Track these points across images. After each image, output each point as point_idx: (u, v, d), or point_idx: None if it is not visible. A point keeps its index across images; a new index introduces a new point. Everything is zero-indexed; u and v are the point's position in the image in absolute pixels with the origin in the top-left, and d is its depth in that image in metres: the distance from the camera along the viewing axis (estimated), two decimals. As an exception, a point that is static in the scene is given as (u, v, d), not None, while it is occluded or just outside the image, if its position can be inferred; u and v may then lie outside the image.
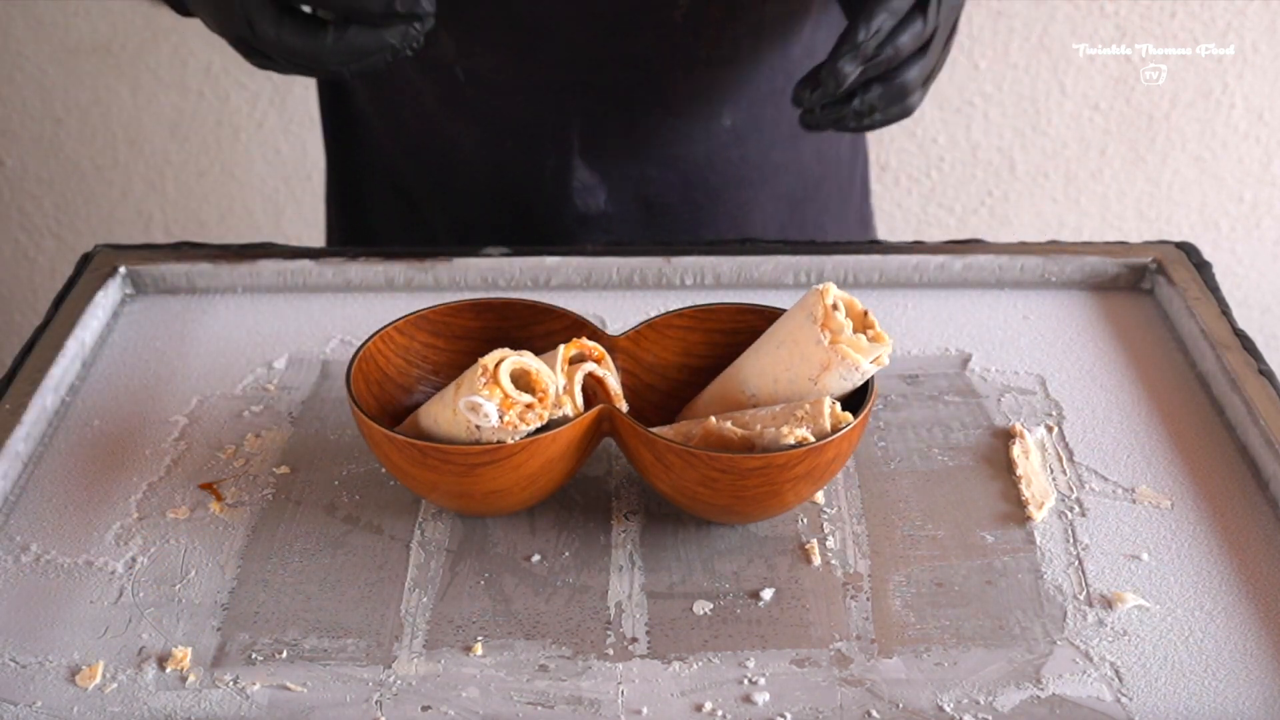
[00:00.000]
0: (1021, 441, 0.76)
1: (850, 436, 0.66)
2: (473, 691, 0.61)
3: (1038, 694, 0.61)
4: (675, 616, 0.65)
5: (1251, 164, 1.77)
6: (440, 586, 0.67)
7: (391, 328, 0.73)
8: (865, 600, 0.66)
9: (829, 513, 0.72)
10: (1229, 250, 1.83)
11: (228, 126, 1.75)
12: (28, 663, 0.63)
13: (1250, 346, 0.81)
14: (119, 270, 0.90)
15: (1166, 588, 0.66)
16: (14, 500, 0.72)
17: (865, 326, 0.68)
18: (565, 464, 0.67)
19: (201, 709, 0.60)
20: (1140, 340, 0.85)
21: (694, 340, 0.75)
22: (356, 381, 0.70)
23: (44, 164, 1.79)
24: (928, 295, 0.90)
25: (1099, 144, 1.75)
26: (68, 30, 1.68)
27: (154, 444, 0.77)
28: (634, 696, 0.61)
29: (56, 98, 1.73)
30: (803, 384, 0.68)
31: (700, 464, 0.64)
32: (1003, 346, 0.85)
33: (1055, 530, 0.70)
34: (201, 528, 0.71)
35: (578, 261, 0.90)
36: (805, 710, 0.60)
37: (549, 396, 0.65)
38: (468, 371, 0.66)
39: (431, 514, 0.72)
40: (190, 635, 0.64)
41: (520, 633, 0.64)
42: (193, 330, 0.87)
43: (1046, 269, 0.90)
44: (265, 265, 0.90)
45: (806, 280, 0.90)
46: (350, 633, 0.64)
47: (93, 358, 0.84)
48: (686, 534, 0.70)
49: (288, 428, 0.78)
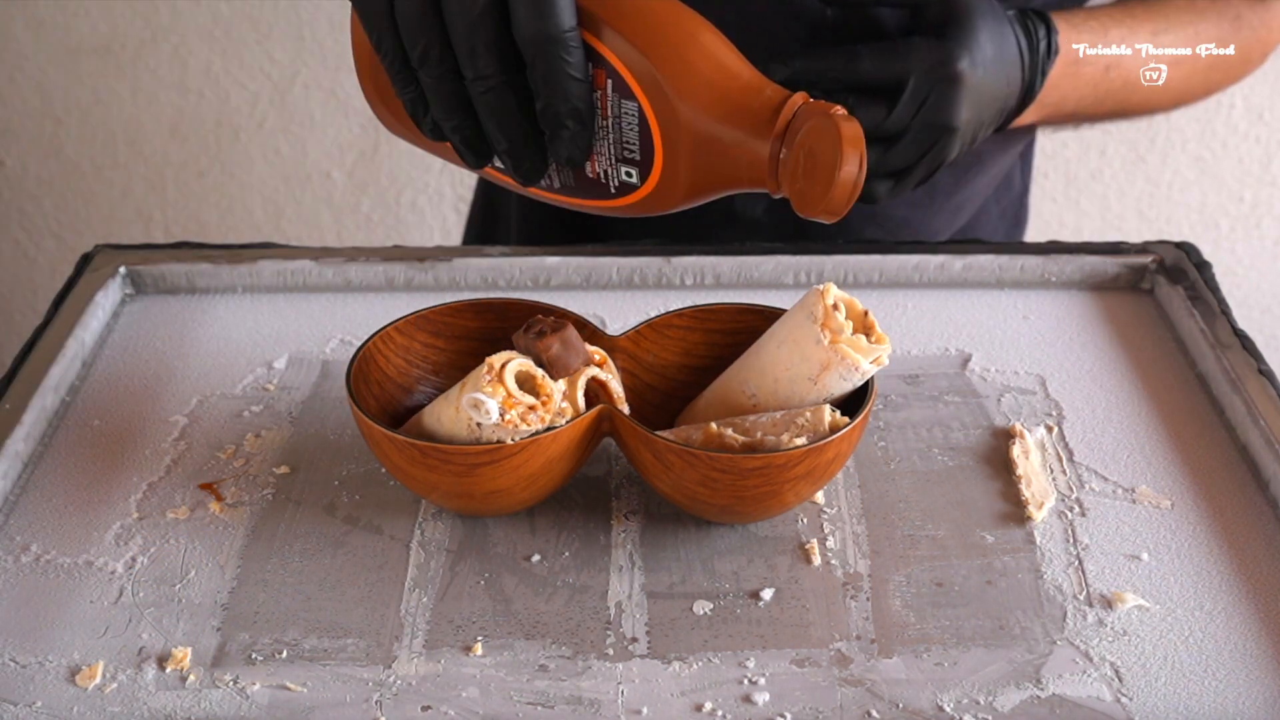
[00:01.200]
0: (1021, 441, 0.76)
1: (850, 437, 0.66)
2: (473, 691, 0.61)
3: (1038, 694, 0.61)
4: (675, 616, 0.65)
5: (1251, 164, 1.77)
6: (440, 586, 0.67)
7: (391, 328, 0.73)
8: (865, 600, 0.66)
9: (829, 513, 0.72)
10: (1229, 250, 1.83)
11: (228, 126, 1.75)
12: (28, 663, 0.63)
13: (1250, 346, 0.81)
14: (119, 270, 0.90)
15: (1166, 588, 0.66)
16: (14, 500, 0.72)
17: (865, 326, 0.68)
18: (565, 464, 0.67)
19: (201, 709, 0.60)
20: (1140, 340, 0.85)
21: (694, 340, 0.75)
22: (356, 381, 0.70)
23: (44, 164, 1.79)
24: (928, 295, 0.90)
25: (1099, 144, 1.75)
26: (68, 30, 1.68)
27: (154, 444, 0.77)
28: (634, 696, 0.61)
29: (56, 98, 1.73)
30: (803, 384, 0.68)
31: (700, 464, 0.64)
32: (1003, 346, 0.85)
33: (1055, 530, 0.70)
34: (201, 528, 0.71)
35: (578, 261, 0.90)
36: (805, 710, 0.60)
37: (552, 401, 0.65)
38: (474, 371, 0.66)
39: (431, 514, 0.72)
40: (190, 635, 0.64)
41: (520, 633, 0.64)
42: (193, 330, 0.87)
43: (1046, 269, 0.90)
44: (265, 265, 0.90)
45: (806, 280, 0.90)
46: (350, 633, 0.64)
47: (93, 358, 0.84)
48: (686, 534, 0.70)
49: (288, 428, 0.78)
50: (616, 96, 0.64)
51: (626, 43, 0.63)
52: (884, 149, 0.81)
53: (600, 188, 0.68)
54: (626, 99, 0.64)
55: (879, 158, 0.82)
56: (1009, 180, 1.05)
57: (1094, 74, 0.89)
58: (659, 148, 0.65)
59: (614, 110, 0.65)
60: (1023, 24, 0.84)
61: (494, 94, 0.64)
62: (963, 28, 0.80)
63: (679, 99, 0.63)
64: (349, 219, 1.83)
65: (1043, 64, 0.85)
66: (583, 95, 0.64)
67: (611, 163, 0.67)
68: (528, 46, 0.62)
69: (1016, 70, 0.83)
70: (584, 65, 0.63)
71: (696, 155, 0.64)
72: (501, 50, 0.63)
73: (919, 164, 0.82)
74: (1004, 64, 0.82)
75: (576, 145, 0.65)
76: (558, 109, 0.63)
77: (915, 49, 0.80)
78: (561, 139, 0.65)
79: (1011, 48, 0.83)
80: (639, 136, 0.65)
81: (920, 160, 0.82)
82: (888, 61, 0.80)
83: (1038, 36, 0.84)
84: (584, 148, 0.65)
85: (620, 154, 0.66)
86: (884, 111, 0.80)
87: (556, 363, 0.65)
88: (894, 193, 0.84)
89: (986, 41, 0.81)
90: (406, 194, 1.80)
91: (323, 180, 1.79)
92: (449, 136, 0.67)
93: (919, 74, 0.79)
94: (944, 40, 0.80)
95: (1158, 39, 0.90)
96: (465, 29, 0.62)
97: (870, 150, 0.82)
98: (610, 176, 0.67)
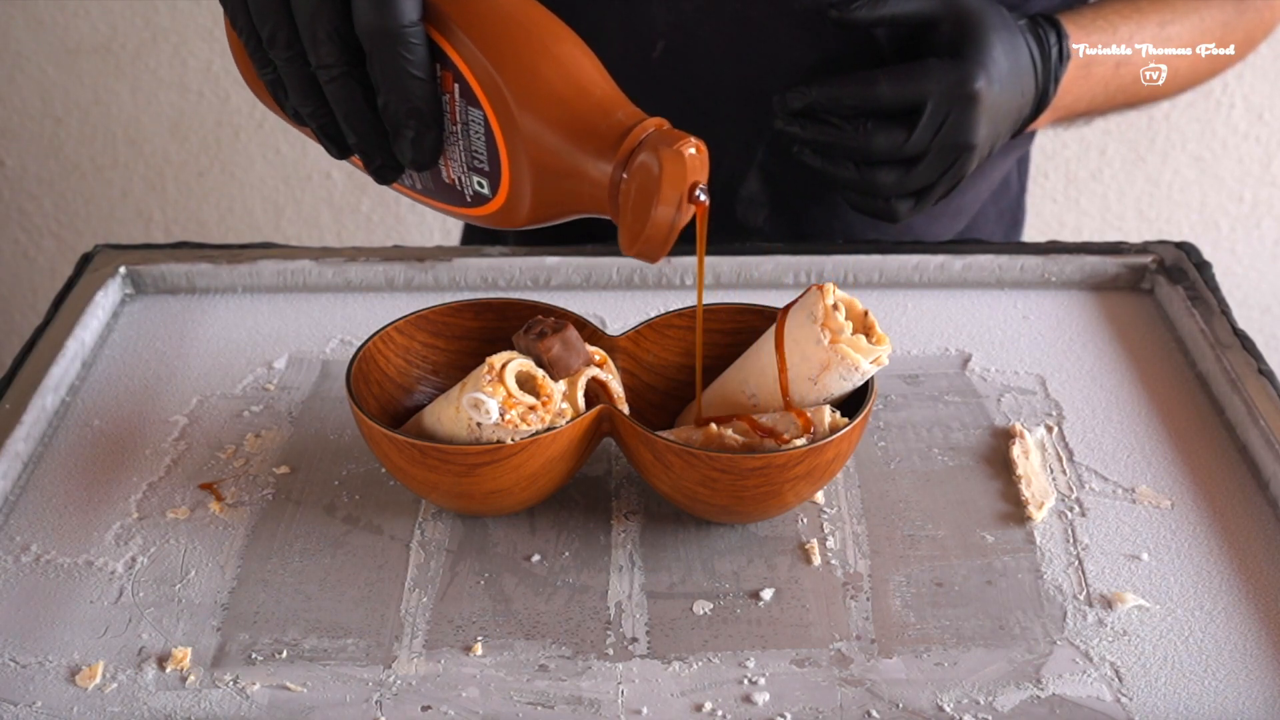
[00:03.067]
0: (1021, 441, 0.76)
1: (850, 437, 0.66)
2: (473, 691, 0.61)
3: (1038, 694, 0.61)
4: (675, 616, 0.65)
5: (1251, 164, 1.77)
6: (440, 586, 0.67)
7: (391, 328, 0.73)
8: (865, 600, 0.66)
9: (829, 513, 0.72)
10: (1229, 250, 1.83)
11: (228, 126, 1.75)
12: (28, 663, 0.63)
13: (1250, 346, 0.81)
14: (119, 270, 0.90)
15: (1166, 588, 0.66)
16: (14, 500, 0.72)
17: (865, 327, 0.68)
18: (565, 464, 0.67)
19: (201, 709, 0.60)
20: (1140, 340, 0.85)
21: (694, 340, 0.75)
22: (356, 381, 0.70)
23: (44, 164, 1.79)
24: (928, 295, 0.90)
25: (1099, 144, 1.75)
26: (68, 30, 1.68)
27: (154, 444, 0.77)
28: (634, 696, 0.61)
29: (56, 98, 1.73)
30: (802, 384, 0.68)
31: (700, 464, 0.64)
32: (1003, 346, 0.85)
33: (1055, 530, 0.70)
34: (201, 528, 0.71)
35: (578, 261, 0.90)
36: (805, 710, 0.60)
37: (552, 401, 0.65)
38: (474, 371, 0.66)
39: (431, 514, 0.72)
40: (190, 635, 0.64)
41: (520, 633, 0.64)
42: (193, 330, 0.87)
43: (1046, 269, 0.90)
44: (265, 265, 0.90)
45: (806, 280, 0.90)
46: (350, 633, 0.64)
47: (93, 358, 0.84)
48: (686, 534, 0.70)
49: (288, 428, 0.78)
50: (464, 103, 0.61)
51: (473, 47, 0.60)
52: (905, 170, 0.82)
53: (457, 194, 0.65)
54: (473, 106, 0.61)
55: (900, 179, 0.82)
56: (1006, 182, 1.05)
57: (1105, 73, 0.89)
58: (504, 160, 0.61)
59: (462, 116, 0.62)
60: (1034, 32, 0.84)
61: (338, 84, 0.62)
62: (977, 45, 0.80)
63: (521, 111, 0.60)
64: (349, 219, 1.83)
65: (1055, 71, 0.85)
66: (424, 95, 0.61)
67: (464, 170, 0.63)
68: (365, 39, 0.60)
69: (1031, 80, 0.83)
70: (426, 64, 0.61)
71: (539, 172, 0.61)
72: (345, 40, 0.61)
73: (939, 182, 0.83)
74: (1018, 76, 0.82)
75: (419, 148, 0.62)
76: (397, 108, 0.61)
77: (931, 71, 0.80)
78: (404, 139, 0.62)
79: (1025, 59, 0.83)
80: (486, 146, 0.61)
81: (940, 179, 0.83)
82: (905, 85, 0.80)
83: (1049, 43, 0.84)
84: (428, 151, 0.63)
85: (471, 162, 0.63)
86: (904, 135, 0.80)
87: (557, 363, 0.65)
88: (915, 211, 0.85)
89: (1001, 57, 0.81)
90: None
91: (323, 180, 1.79)
92: (308, 123, 0.65)
93: (937, 96, 0.79)
94: (959, 60, 0.80)
95: (1165, 30, 0.90)
96: (308, 15, 0.61)
97: (891, 172, 0.82)
98: (464, 184, 0.64)
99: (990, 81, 0.80)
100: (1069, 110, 0.90)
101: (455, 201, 0.66)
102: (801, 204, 0.95)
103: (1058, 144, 1.74)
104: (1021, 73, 0.83)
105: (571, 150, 0.60)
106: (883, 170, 0.82)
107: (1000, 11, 0.83)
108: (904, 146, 0.80)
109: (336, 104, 0.63)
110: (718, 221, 0.95)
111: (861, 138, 0.81)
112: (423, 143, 0.62)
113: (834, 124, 0.82)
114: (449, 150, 0.63)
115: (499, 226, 0.65)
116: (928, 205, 0.84)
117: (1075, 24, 0.87)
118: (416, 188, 0.67)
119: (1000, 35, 0.81)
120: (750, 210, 0.96)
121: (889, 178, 0.82)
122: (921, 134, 0.80)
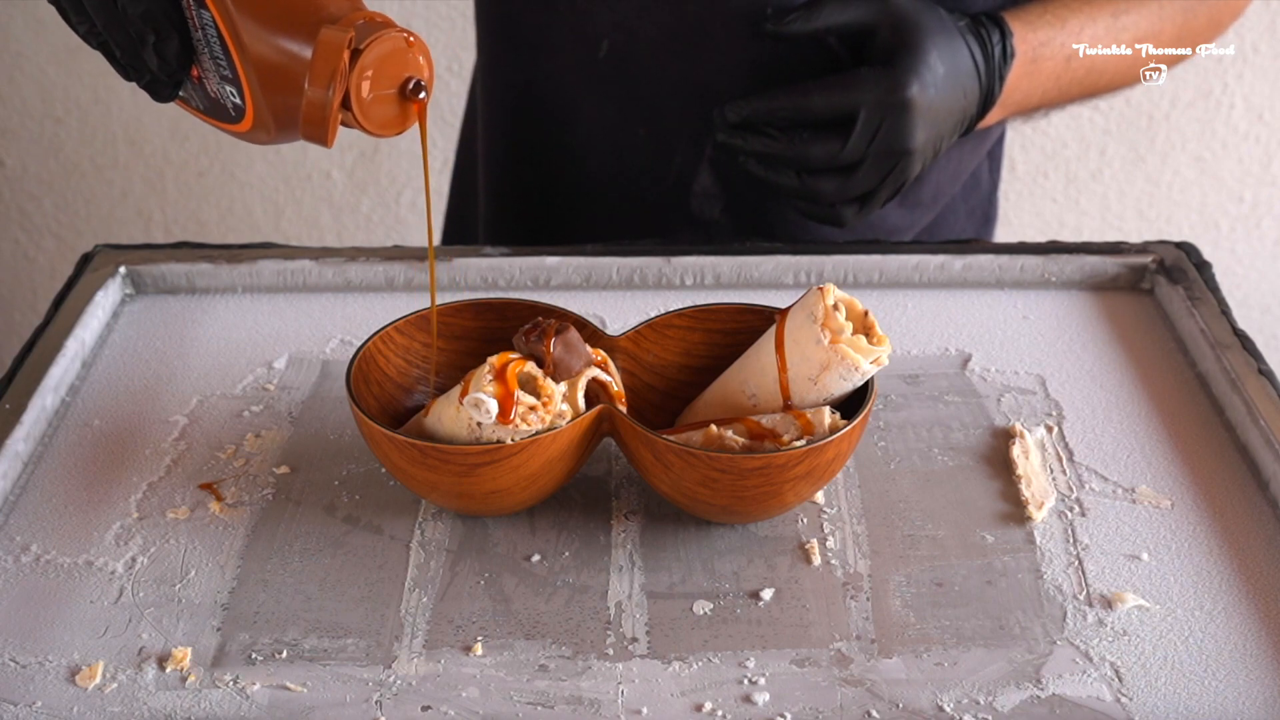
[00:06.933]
0: (1021, 441, 0.76)
1: (850, 436, 0.66)
2: (473, 691, 0.61)
3: (1038, 694, 0.61)
4: (675, 616, 0.65)
5: (1251, 164, 1.77)
6: (440, 586, 0.67)
7: (391, 328, 0.73)
8: (865, 600, 0.66)
9: (829, 513, 0.72)
10: (1229, 250, 1.83)
11: (228, 126, 1.75)
12: (28, 663, 0.63)
13: (1250, 346, 0.81)
14: (119, 270, 0.90)
15: (1166, 588, 0.66)
16: (14, 500, 0.72)
17: (865, 327, 0.68)
18: (565, 464, 0.67)
19: (201, 709, 0.60)
20: (1140, 340, 0.85)
21: (694, 340, 0.75)
22: (356, 381, 0.70)
23: (44, 164, 1.79)
24: (928, 295, 0.90)
25: (1099, 144, 1.75)
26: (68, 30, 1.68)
27: (154, 444, 0.77)
28: (634, 696, 0.61)
29: (56, 98, 1.73)
30: (803, 384, 0.68)
31: (700, 464, 0.64)
32: (1003, 346, 0.85)
33: (1055, 530, 0.70)
34: (201, 528, 0.71)
35: (578, 261, 0.90)
36: (805, 710, 0.60)
37: (553, 402, 0.65)
38: (474, 371, 0.67)
39: (431, 514, 0.72)
40: (190, 635, 0.64)
41: (520, 633, 0.64)
42: (193, 330, 0.87)
43: (1046, 269, 0.90)
44: (265, 265, 0.90)
45: (806, 280, 0.90)
46: (350, 633, 0.64)
47: (93, 358, 0.84)
48: (686, 534, 0.70)
49: (288, 428, 0.78)
50: (197, 6, 0.61)
51: None
52: (845, 178, 0.84)
53: (224, 110, 0.64)
54: (202, 8, 0.61)
55: (840, 186, 0.84)
56: (976, 179, 1.05)
57: (1054, 67, 0.89)
58: (238, 62, 0.61)
59: (199, 20, 0.61)
60: (975, 32, 0.85)
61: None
62: (911, 52, 0.81)
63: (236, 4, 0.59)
64: (349, 219, 1.83)
65: (1000, 69, 0.85)
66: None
67: (219, 81, 0.63)
68: None
69: (973, 81, 0.84)
70: None
71: (263, 72, 0.60)
72: None
73: (881, 187, 0.85)
74: (958, 78, 0.83)
75: (164, 55, 0.62)
76: (130, 10, 0.61)
77: (863, 80, 0.82)
78: (146, 45, 0.62)
79: (965, 60, 0.84)
80: (224, 51, 0.61)
81: (882, 184, 0.84)
82: (837, 96, 0.82)
83: (992, 43, 0.85)
84: (172, 58, 0.62)
85: (219, 70, 0.62)
86: (839, 144, 0.82)
87: (559, 364, 0.65)
88: (861, 215, 0.86)
89: (937, 61, 0.82)
90: (406, 194, 1.80)
91: (323, 180, 1.79)
92: (88, 41, 0.65)
93: (869, 105, 0.81)
94: (891, 68, 0.81)
95: (1119, 20, 0.90)
96: None
97: (831, 179, 0.84)
98: (224, 97, 0.63)
99: (924, 86, 0.81)
100: (1020, 106, 0.90)
101: (225, 118, 0.65)
102: (756, 197, 0.96)
103: (1057, 144, 1.74)
104: (961, 74, 0.83)
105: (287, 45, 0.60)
106: (823, 178, 0.84)
107: (938, 15, 0.83)
108: (840, 155, 0.82)
109: (95, 14, 0.63)
110: (675, 215, 0.96)
111: (799, 148, 0.83)
112: (165, 49, 0.62)
113: (772, 135, 0.84)
114: (202, 61, 0.63)
115: (262, 142, 0.65)
116: (874, 209, 0.86)
117: (1022, 21, 0.87)
118: (197, 106, 0.66)
119: (936, 40, 0.82)
120: (705, 204, 0.97)
121: (829, 185, 0.84)
122: (856, 142, 0.82)
